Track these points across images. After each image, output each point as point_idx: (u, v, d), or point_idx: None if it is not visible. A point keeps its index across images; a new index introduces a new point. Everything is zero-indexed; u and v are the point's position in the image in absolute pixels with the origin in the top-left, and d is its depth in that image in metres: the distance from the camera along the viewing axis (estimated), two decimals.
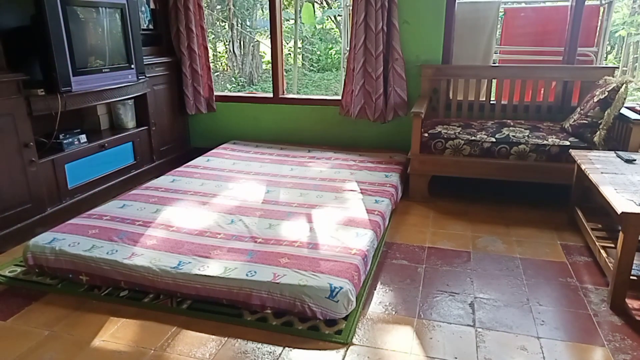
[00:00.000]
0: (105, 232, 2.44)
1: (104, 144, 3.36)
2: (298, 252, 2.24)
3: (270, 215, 2.69)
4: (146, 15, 3.91)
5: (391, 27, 3.60)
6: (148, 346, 1.85)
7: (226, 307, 2.06)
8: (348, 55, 3.84)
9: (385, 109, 3.78)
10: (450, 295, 2.20)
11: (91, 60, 3.09)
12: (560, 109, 3.59)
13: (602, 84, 3.08)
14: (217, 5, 8.37)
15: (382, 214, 2.73)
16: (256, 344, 1.86)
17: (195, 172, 3.45)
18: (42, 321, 2.02)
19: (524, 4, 4.55)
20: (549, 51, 3.99)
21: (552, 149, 3.02)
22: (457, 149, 3.19)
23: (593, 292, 2.22)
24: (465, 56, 3.84)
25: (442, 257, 2.55)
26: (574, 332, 1.94)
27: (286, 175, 3.39)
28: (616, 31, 7.16)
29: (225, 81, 8.45)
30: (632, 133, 2.80)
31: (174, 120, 4.19)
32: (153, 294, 2.16)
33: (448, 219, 3.05)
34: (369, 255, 2.33)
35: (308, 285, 1.96)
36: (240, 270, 2.09)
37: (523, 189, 3.32)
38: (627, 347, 1.84)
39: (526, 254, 2.58)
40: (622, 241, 1.99)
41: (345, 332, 1.91)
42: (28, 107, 2.71)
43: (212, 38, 8.46)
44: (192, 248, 2.30)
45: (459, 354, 1.81)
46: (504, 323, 1.99)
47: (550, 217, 3.03)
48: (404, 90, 3.72)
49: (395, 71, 3.68)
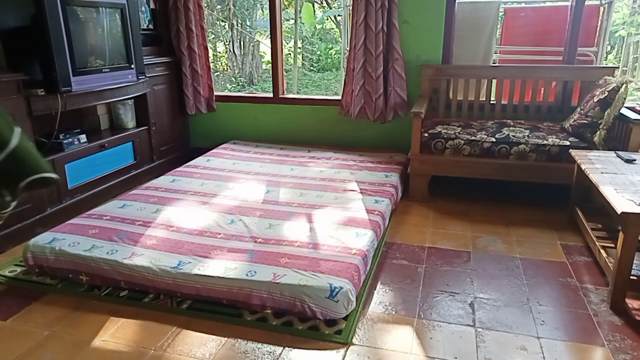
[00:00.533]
0: (105, 232, 2.44)
1: (104, 144, 3.36)
2: (298, 252, 2.24)
3: (270, 215, 2.69)
4: (146, 15, 3.91)
5: (391, 27, 3.60)
6: (148, 346, 1.85)
7: (226, 307, 2.06)
8: (348, 55, 3.84)
9: (385, 109, 3.78)
10: (450, 295, 2.20)
11: (91, 60, 3.09)
12: (560, 109, 3.59)
13: (602, 83, 3.08)
14: (217, 5, 8.36)
15: (382, 213, 2.73)
16: (256, 344, 1.86)
17: (195, 172, 3.45)
18: (42, 321, 2.02)
19: (524, 3, 4.55)
20: (549, 51, 3.98)
21: (552, 148, 3.02)
22: (457, 148, 3.19)
23: (593, 292, 2.22)
24: (465, 56, 3.84)
25: (442, 257, 2.55)
26: (574, 332, 1.94)
27: (286, 175, 3.39)
28: (616, 31, 7.16)
29: (225, 81, 8.45)
30: (632, 133, 2.80)
31: (174, 120, 4.19)
32: (153, 294, 2.16)
33: (448, 219, 3.05)
34: (369, 255, 2.33)
35: (308, 285, 1.96)
36: (240, 270, 2.09)
37: (523, 189, 3.32)
38: (627, 347, 1.84)
39: (526, 254, 2.58)
40: (622, 241, 1.99)
41: (345, 332, 1.91)
42: (28, 107, 2.71)
43: (212, 38, 8.46)
44: (192, 248, 2.30)
45: (459, 353, 1.81)
46: (504, 323, 1.99)
47: (550, 217, 3.03)
48: (404, 90, 3.72)
49: (395, 71, 3.68)
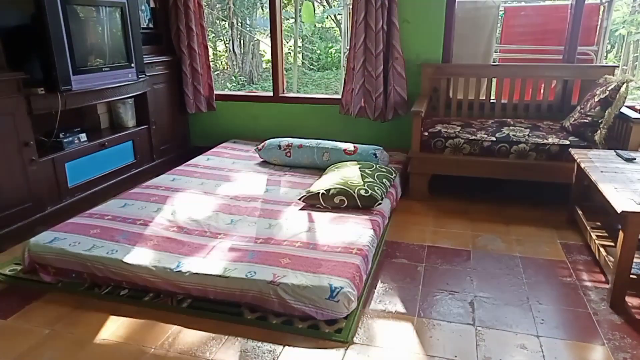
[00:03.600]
0: (106, 232, 2.44)
1: (104, 142, 3.36)
2: (299, 252, 2.24)
3: (271, 215, 2.69)
4: (146, 14, 3.91)
5: (391, 26, 3.60)
6: (148, 345, 1.86)
7: (226, 306, 2.06)
8: (348, 54, 3.84)
9: (385, 108, 3.78)
10: (450, 294, 2.20)
11: (91, 59, 3.09)
12: (560, 107, 3.59)
13: (603, 82, 3.08)
14: (217, 4, 8.35)
15: (382, 213, 2.74)
16: (256, 343, 1.86)
17: (195, 171, 3.45)
18: (42, 320, 2.02)
19: (524, 2, 4.55)
20: (549, 50, 3.98)
21: (552, 148, 3.02)
22: (457, 147, 3.19)
23: (593, 290, 2.22)
24: (465, 55, 3.84)
25: (442, 256, 2.55)
26: (573, 330, 1.95)
27: (286, 174, 3.40)
28: (616, 30, 7.15)
29: (225, 80, 8.44)
30: (632, 132, 2.80)
31: (174, 119, 4.19)
32: (153, 293, 2.16)
33: (448, 218, 3.05)
34: (370, 255, 2.33)
35: (308, 285, 1.96)
36: (240, 270, 2.09)
37: (523, 187, 3.33)
38: (626, 346, 1.84)
39: (526, 253, 2.58)
40: (622, 240, 1.99)
41: (345, 330, 1.91)
42: (28, 106, 2.71)
43: (212, 37, 8.45)
44: (193, 247, 2.31)
45: (459, 352, 1.81)
46: (504, 322, 1.99)
47: (550, 216, 3.03)
48: (404, 89, 3.72)
49: (395, 70, 3.67)
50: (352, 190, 2.73)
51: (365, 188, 2.76)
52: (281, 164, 3.58)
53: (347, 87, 3.85)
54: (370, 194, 2.73)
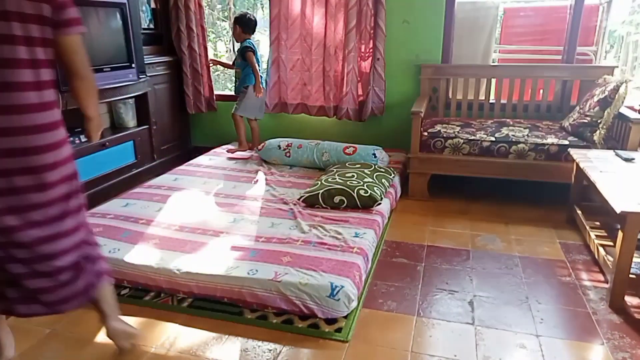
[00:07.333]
0: (108, 231, 2.45)
1: (105, 143, 3.36)
2: (300, 251, 2.25)
3: (272, 213, 2.70)
4: (147, 15, 3.91)
5: (377, 28, 3.66)
6: (149, 344, 1.86)
7: (227, 305, 2.06)
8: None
9: (364, 109, 3.85)
10: (450, 293, 2.21)
11: (92, 59, 3.08)
12: (559, 108, 3.60)
13: (602, 82, 3.09)
14: (217, 4, 8.36)
15: (382, 212, 2.74)
16: (257, 342, 1.87)
17: (197, 171, 3.46)
18: (43, 319, 2.00)
19: (523, 3, 4.55)
20: (548, 50, 3.99)
21: (551, 148, 3.03)
22: (456, 148, 3.19)
23: (592, 290, 2.23)
24: (464, 55, 3.85)
25: (441, 256, 2.56)
26: (573, 330, 1.95)
27: (287, 174, 3.40)
28: (615, 30, 7.15)
29: (225, 80, 8.45)
30: (631, 132, 2.81)
31: (175, 119, 4.19)
32: (154, 292, 2.17)
33: (447, 218, 3.05)
34: (370, 254, 2.34)
35: (309, 284, 1.97)
36: (242, 268, 2.10)
37: (522, 187, 3.33)
38: (625, 345, 1.85)
39: (525, 253, 2.59)
40: (621, 240, 2.00)
41: (345, 330, 1.91)
42: None
43: (213, 37, 8.46)
44: (195, 246, 2.31)
45: (458, 351, 1.81)
46: (503, 321, 2.00)
47: (549, 216, 3.03)
48: (382, 90, 3.82)
49: (376, 71, 3.74)
50: (351, 190, 2.74)
51: (364, 188, 2.77)
52: (281, 164, 3.60)
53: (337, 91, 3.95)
54: (370, 194, 2.74)
